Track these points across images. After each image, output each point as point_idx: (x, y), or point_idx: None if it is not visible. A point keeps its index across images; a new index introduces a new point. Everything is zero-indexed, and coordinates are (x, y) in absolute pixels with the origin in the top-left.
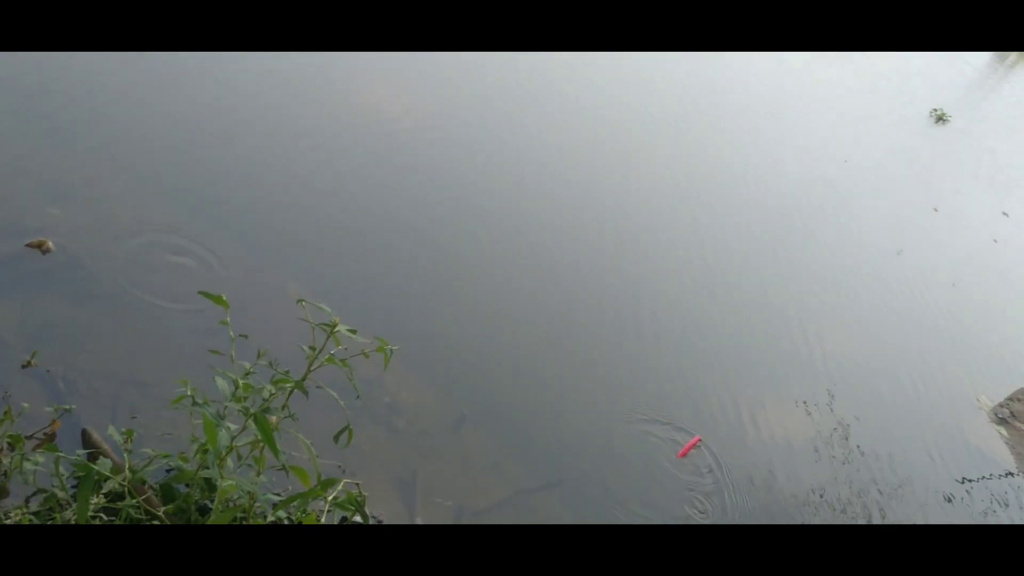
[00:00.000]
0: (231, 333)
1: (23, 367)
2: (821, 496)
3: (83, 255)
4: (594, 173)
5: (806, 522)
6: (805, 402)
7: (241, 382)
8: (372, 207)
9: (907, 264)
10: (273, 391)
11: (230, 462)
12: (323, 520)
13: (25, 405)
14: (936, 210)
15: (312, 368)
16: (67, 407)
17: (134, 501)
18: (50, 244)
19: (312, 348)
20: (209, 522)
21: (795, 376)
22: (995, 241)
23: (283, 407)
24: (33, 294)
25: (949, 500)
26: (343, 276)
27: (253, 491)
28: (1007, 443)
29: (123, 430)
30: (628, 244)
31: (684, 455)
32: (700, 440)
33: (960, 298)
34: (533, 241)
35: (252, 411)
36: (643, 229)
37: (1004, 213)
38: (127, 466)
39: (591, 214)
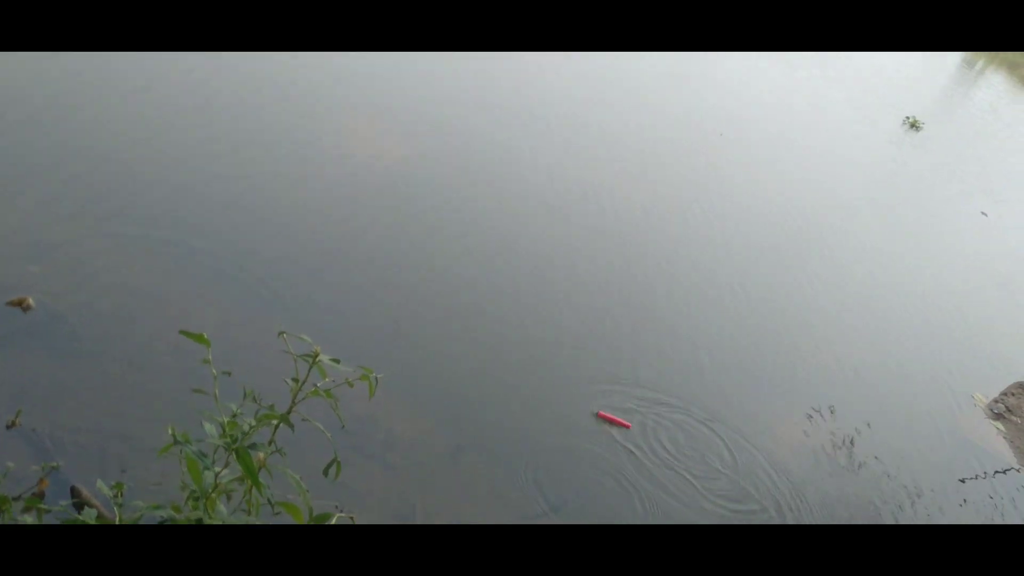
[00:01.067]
0: (213, 371)
1: (8, 427)
2: (836, 504)
3: (64, 311)
4: (587, 195)
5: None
6: (816, 410)
7: (227, 421)
8: (359, 244)
9: (897, 268)
10: (253, 423)
11: (222, 506)
12: None
13: (10, 465)
14: (985, 214)
15: (296, 401)
16: (54, 464)
17: None
18: (31, 301)
19: (295, 380)
20: None
21: (798, 385)
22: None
23: (270, 442)
24: (15, 352)
25: (962, 504)
26: (330, 313)
27: None
28: (1005, 438)
29: (112, 484)
30: (626, 266)
31: (606, 417)
32: (629, 427)
33: (951, 299)
34: (526, 268)
35: (234, 446)
36: (639, 253)
37: (983, 213)
38: (117, 519)
39: (582, 237)
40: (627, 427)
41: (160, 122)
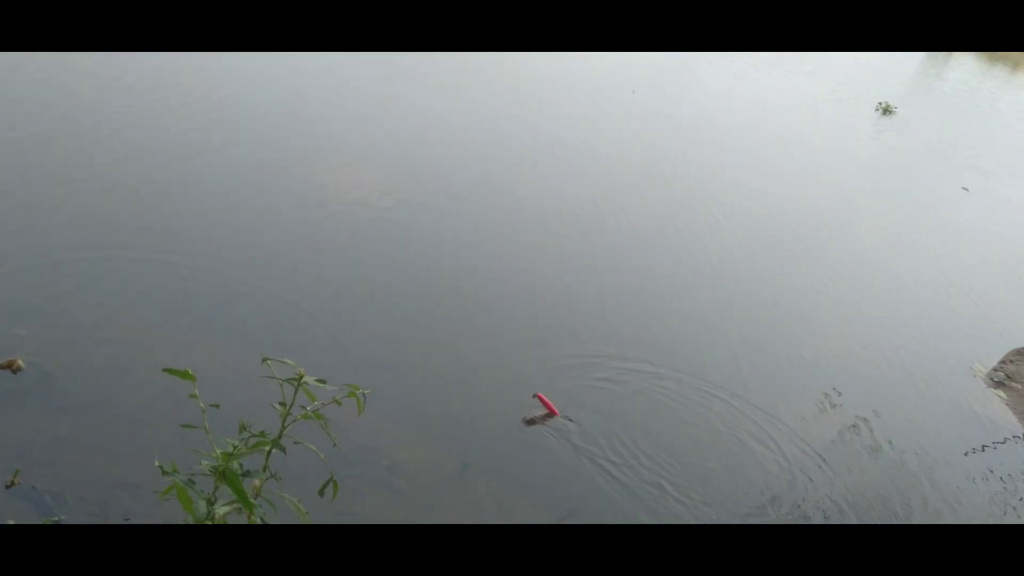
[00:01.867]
0: (201, 405)
1: (7, 487)
2: (847, 488)
3: (54, 370)
4: (587, 208)
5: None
6: (826, 394)
7: (219, 453)
8: (347, 276)
9: (890, 248)
10: (236, 444)
11: None
12: None
13: (12, 523)
14: (966, 189)
15: (286, 424)
16: (56, 519)
17: None
18: (20, 363)
19: (283, 404)
20: None
21: (805, 370)
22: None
23: (264, 468)
24: (9, 414)
25: (973, 480)
26: (323, 344)
27: None
28: (1008, 405)
29: None
30: (625, 269)
31: (542, 400)
32: (557, 415)
33: (941, 272)
34: (519, 282)
35: (220, 469)
36: (634, 263)
37: (964, 188)
38: None
39: (575, 239)
40: (555, 414)
41: (138, 166)
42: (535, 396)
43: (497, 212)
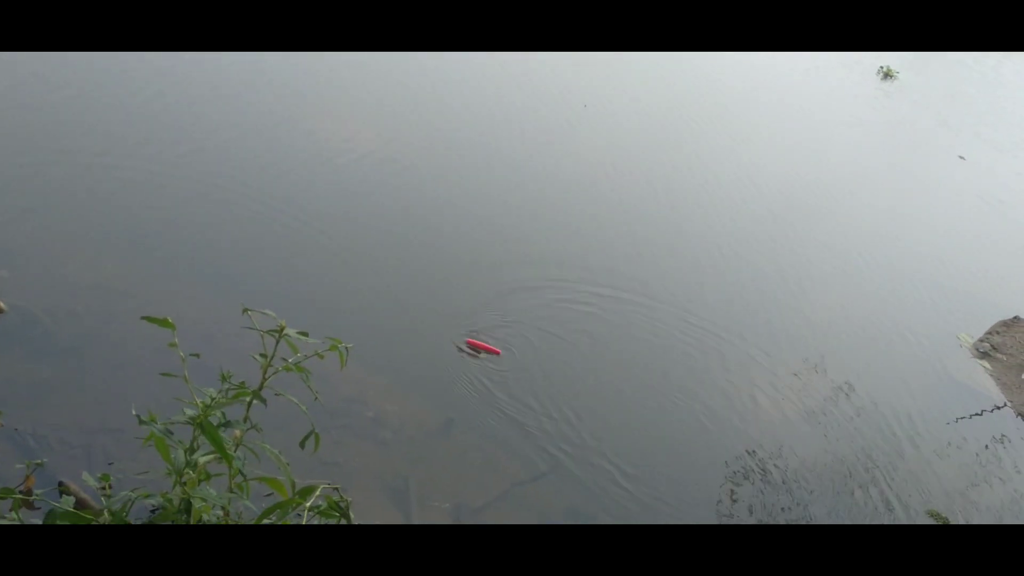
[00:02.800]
0: (181, 354)
1: None
2: (828, 455)
3: (37, 313)
4: (589, 177)
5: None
6: (806, 361)
7: (200, 403)
8: (337, 225)
9: (883, 215)
10: (215, 396)
11: (211, 489)
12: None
13: None
14: (963, 158)
15: (267, 376)
16: (39, 462)
17: None
18: (3, 305)
19: (264, 356)
20: None
21: (789, 337)
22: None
23: (244, 419)
24: None
25: (950, 444)
26: (310, 297)
27: (226, 506)
28: (992, 375)
29: (99, 476)
30: (617, 227)
31: (475, 344)
32: (499, 353)
33: (932, 242)
34: (505, 223)
35: (198, 420)
36: (632, 219)
37: (960, 157)
38: (106, 510)
39: (560, 190)
40: (496, 353)
41: (123, 117)
42: (467, 343)
43: (494, 169)
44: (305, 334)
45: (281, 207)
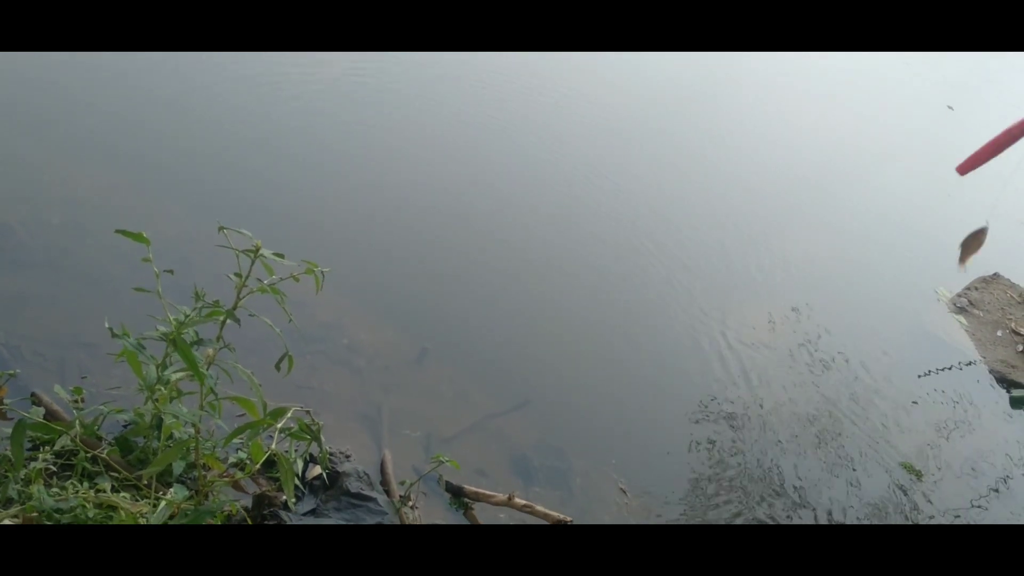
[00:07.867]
0: (155, 270)
1: None
2: (793, 402)
3: (13, 223)
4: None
5: (783, 441)
6: (781, 308)
7: (174, 319)
8: (321, 154)
9: (866, 164)
10: (188, 313)
11: (182, 407)
12: (274, 446)
13: None
14: (951, 108)
15: (242, 296)
16: (11, 372)
17: (88, 455)
18: None
19: (239, 275)
20: (157, 459)
21: (762, 285)
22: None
23: (217, 338)
24: None
25: (916, 403)
26: (291, 223)
27: (196, 423)
28: (967, 331)
29: (71, 388)
30: (589, 176)
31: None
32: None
33: (912, 194)
34: (492, 177)
35: (171, 336)
36: (606, 170)
37: (949, 107)
38: (77, 422)
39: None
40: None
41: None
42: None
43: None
44: (281, 256)
45: (267, 126)
